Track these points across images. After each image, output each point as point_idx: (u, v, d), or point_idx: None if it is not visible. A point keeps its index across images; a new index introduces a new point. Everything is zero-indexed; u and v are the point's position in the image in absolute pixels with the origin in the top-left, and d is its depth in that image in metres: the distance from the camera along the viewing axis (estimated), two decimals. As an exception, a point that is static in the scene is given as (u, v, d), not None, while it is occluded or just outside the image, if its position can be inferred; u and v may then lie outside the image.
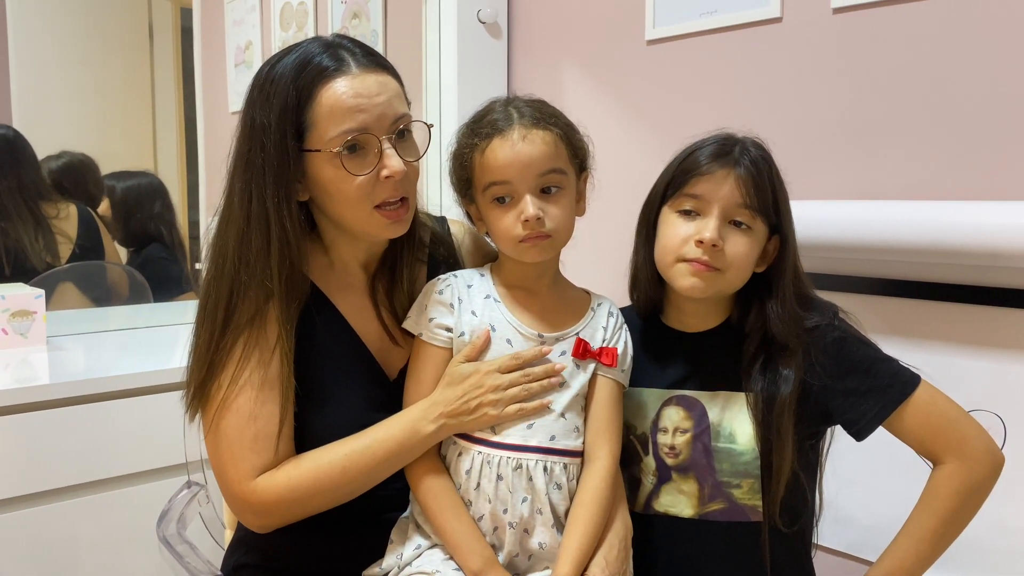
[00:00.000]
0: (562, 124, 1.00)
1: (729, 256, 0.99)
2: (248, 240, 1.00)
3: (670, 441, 1.04)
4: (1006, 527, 1.17)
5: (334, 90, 0.98)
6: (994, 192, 1.18)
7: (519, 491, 0.96)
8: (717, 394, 1.03)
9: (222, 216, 1.03)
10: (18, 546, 1.53)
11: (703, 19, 1.49)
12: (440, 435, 0.99)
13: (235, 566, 1.11)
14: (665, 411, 1.06)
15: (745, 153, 1.00)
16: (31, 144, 2.19)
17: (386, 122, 1.00)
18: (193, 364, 1.03)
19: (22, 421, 1.52)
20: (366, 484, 1.00)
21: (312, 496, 0.99)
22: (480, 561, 0.95)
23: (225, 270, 1.01)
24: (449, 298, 1.02)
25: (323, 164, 0.99)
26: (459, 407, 0.97)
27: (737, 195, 0.98)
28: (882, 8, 1.27)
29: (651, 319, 1.11)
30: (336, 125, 0.98)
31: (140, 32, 2.60)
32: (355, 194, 1.00)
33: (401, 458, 0.99)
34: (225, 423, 0.99)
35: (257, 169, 0.99)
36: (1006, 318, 1.17)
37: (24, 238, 2.16)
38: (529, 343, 1.00)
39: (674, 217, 1.02)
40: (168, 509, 1.31)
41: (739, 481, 1.01)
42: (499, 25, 1.82)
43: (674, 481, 1.04)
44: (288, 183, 0.99)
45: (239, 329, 0.99)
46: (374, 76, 1.00)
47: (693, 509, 1.03)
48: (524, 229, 0.97)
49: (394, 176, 0.99)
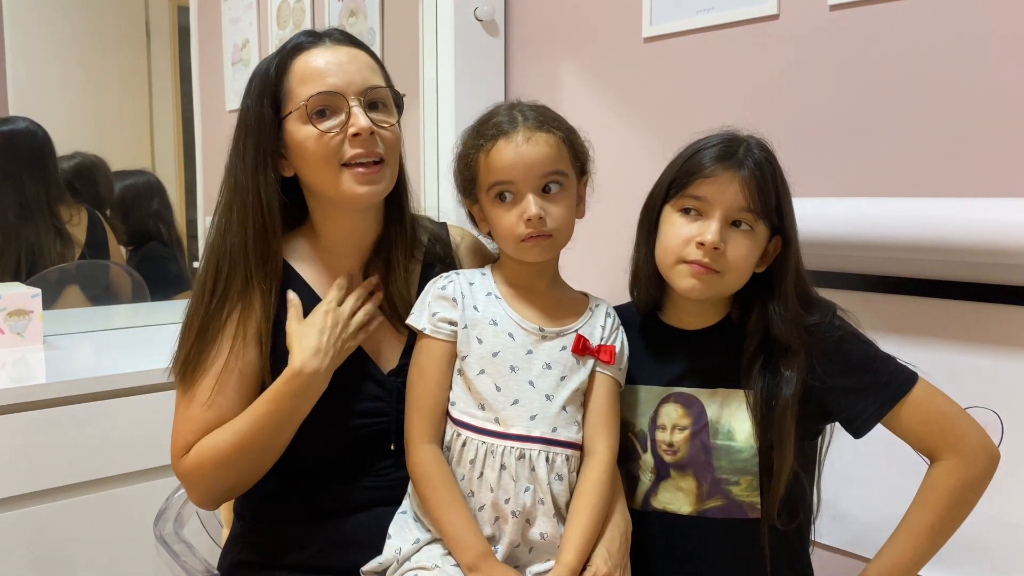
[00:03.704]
0: (565, 128, 1.03)
1: (730, 258, 0.99)
2: (230, 210, 1.06)
3: (668, 438, 1.04)
4: (1003, 523, 1.17)
5: (307, 59, 1.05)
6: (992, 189, 1.18)
7: (522, 480, 0.98)
8: (716, 391, 1.04)
9: (218, 201, 1.09)
10: (15, 545, 1.53)
11: (700, 16, 1.49)
12: (324, 371, 1.02)
13: (232, 564, 1.11)
14: (663, 408, 1.06)
15: (749, 155, 1.00)
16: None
17: (355, 87, 1.04)
18: (186, 331, 1.07)
19: (19, 420, 1.52)
20: (271, 448, 1.04)
21: (227, 468, 1.03)
22: (474, 555, 0.95)
23: (214, 243, 1.07)
24: (452, 293, 1.04)
25: (296, 125, 1.04)
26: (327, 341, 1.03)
27: (740, 198, 0.98)
28: (879, 5, 1.27)
29: (650, 316, 1.11)
30: (307, 88, 1.04)
31: (137, 31, 2.60)
32: (322, 150, 1.03)
33: (297, 410, 1.03)
34: (186, 400, 1.05)
35: (243, 149, 1.06)
36: (1004, 315, 1.17)
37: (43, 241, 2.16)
38: (531, 337, 1.02)
39: (676, 216, 1.02)
40: (165, 508, 1.31)
41: (737, 478, 1.01)
42: (496, 23, 1.82)
43: (672, 478, 1.04)
44: (266, 151, 1.05)
45: (224, 300, 1.05)
46: (347, 49, 1.07)
47: (691, 506, 1.03)
48: (526, 228, 0.99)
49: (361, 133, 1.02)
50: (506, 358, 1.01)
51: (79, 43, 2.49)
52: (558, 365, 1.01)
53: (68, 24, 2.46)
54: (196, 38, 2.73)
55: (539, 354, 1.01)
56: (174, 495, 1.32)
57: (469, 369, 1.01)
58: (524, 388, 1.00)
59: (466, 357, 1.02)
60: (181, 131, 2.68)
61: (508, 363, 1.00)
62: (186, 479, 1.07)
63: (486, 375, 1.00)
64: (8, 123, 2.19)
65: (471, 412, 1.01)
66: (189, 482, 1.07)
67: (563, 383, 1.01)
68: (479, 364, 1.01)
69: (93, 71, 2.49)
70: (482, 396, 1.00)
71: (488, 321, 1.02)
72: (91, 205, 2.30)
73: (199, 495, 1.08)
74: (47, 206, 2.16)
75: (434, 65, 1.79)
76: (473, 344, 1.02)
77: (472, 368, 1.01)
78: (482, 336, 1.02)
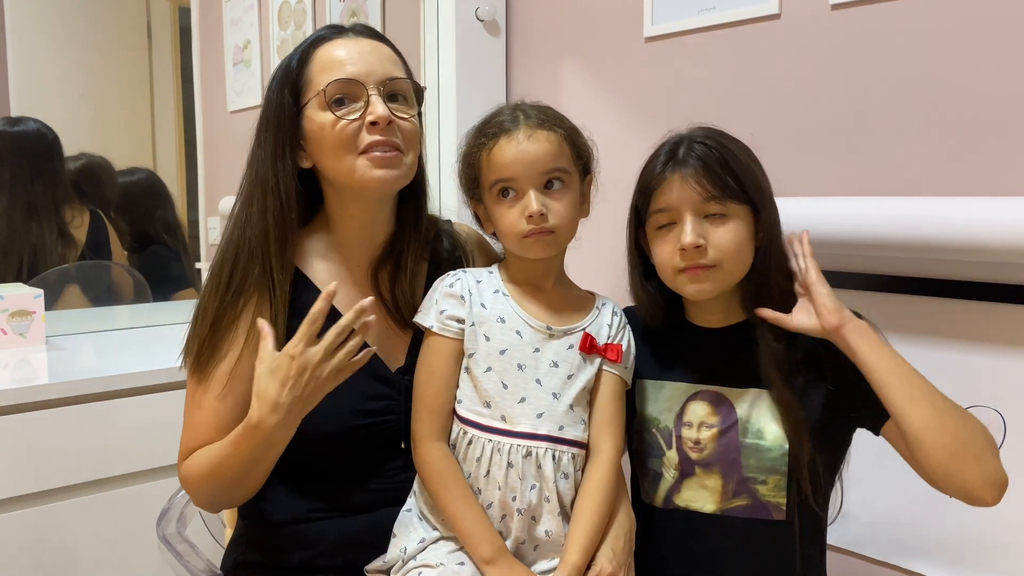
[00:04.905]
0: (567, 126, 1.04)
1: (717, 249, 0.99)
2: (250, 202, 1.06)
3: (695, 436, 1.04)
4: (1003, 523, 1.17)
5: (328, 49, 1.06)
6: (994, 188, 1.18)
7: (528, 478, 0.98)
8: (746, 391, 1.04)
9: (238, 193, 1.09)
10: (18, 546, 1.53)
11: (702, 16, 1.49)
12: (286, 424, 0.96)
13: (235, 564, 1.11)
14: (690, 405, 1.06)
15: (691, 150, 1.01)
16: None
17: (375, 77, 1.04)
18: (199, 322, 1.06)
19: (21, 421, 1.52)
20: (248, 479, 1.02)
21: (212, 485, 1.03)
22: (491, 549, 0.96)
23: (233, 233, 1.07)
24: (460, 291, 1.04)
25: (314, 112, 1.04)
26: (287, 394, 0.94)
27: (697, 191, 0.99)
28: (880, 4, 1.27)
29: (676, 316, 1.11)
30: (326, 76, 1.04)
31: (138, 32, 2.60)
32: (340, 138, 1.03)
33: (263, 455, 0.99)
34: (200, 391, 1.05)
35: (263, 139, 1.06)
36: (1005, 314, 1.17)
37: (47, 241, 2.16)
38: (538, 335, 1.02)
39: (655, 235, 1.04)
40: (168, 508, 1.31)
41: (765, 477, 1.01)
42: (497, 23, 1.82)
43: (697, 476, 1.04)
44: (285, 141, 1.05)
45: (240, 291, 1.04)
46: (369, 41, 1.08)
47: (715, 504, 1.03)
48: (528, 224, 0.99)
49: (379, 122, 1.02)
50: (513, 356, 1.01)
51: (81, 44, 2.49)
52: (565, 363, 1.02)
53: (70, 25, 2.46)
54: (197, 39, 2.73)
55: (546, 352, 1.02)
56: (177, 495, 1.32)
57: (476, 367, 1.01)
58: (531, 386, 1.00)
59: (473, 355, 1.02)
60: (182, 131, 2.68)
61: (515, 361, 1.01)
62: (184, 485, 1.08)
63: (493, 372, 1.00)
64: (19, 124, 2.20)
65: (477, 410, 1.01)
66: (186, 489, 1.08)
67: (570, 381, 1.01)
68: (486, 361, 1.01)
69: (94, 72, 2.49)
70: (489, 394, 1.00)
71: (496, 319, 1.03)
72: (97, 206, 2.30)
73: (197, 502, 1.10)
74: (53, 207, 2.17)
75: (435, 65, 1.79)
76: (480, 341, 1.02)
77: (479, 366, 1.01)
78: (489, 334, 1.02)
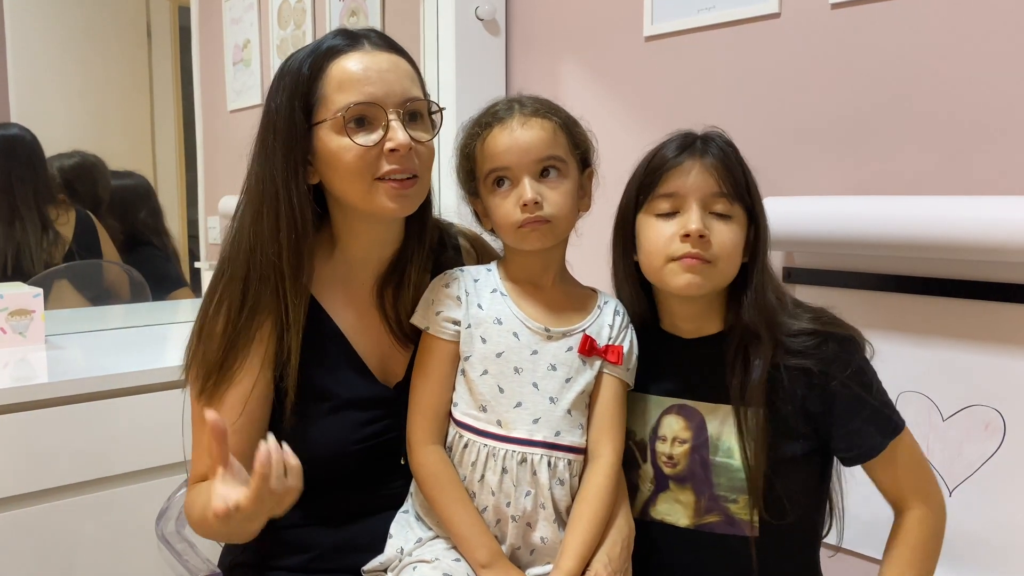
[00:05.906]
0: (563, 115, 1.01)
1: (717, 246, 0.96)
2: (261, 219, 1.00)
3: (668, 450, 1.03)
4: (1003, 523, 1.17)
5: (344, 64, 0.99)
6: (993, 187, 1.18)
7: (523, 485, 0.96)
8: (719, 407, 1.01)
9: (240, 201, 1.04)
10: (17, 545, 1.53)
11: (701, 15, 1.49)
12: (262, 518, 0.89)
13: (233, 564, 1.11)
14: (665, 419, 1.04)
15: (709, 142, 0.99)
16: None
17: (395, 98, 0.99)
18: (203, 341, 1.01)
19: (21, 420, 1.52)
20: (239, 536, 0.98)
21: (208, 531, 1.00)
22: (487, 553, 0.95)
23: (241, 250, 1.01)
24: (456, 291, 1.02)
25: (329, 134, 0.99)
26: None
27: (712, 182, 0.97)
28: (880, 4, 1.27)
29: (651, 325, 1.08)
30: (344, 96, 0.98)
31: (138, 31, 2.60)
32: (357, 164, 0.98)
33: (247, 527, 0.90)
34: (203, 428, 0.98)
35: (270, 150, 1.00)
36: (1005, 313, 1.17)
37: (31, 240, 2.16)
38: (536, 337, 1.00)
39: (653, 220, 0.99)
40: (167, 507, 1.31)
41: (736, 496, 0.99)
42: (497, 22, 1.82)
43: (671, 490, 1.03)
44: (297, 160, 0.99)
45: (253, 313, 1.00)
46: (386, 55, 1.01)
47: (689, 519, 1.02)
48: (523, 213, 0.97)
49: (399, 150, 0.98)
50: (510, 359, 0.99)
51: (80, 43, 2.49)
52: (563, 367, 0.99)
53: (69, 24, 2.46)
54: (197, 38, 2.74)
55: (544, 355, 0.99)
56: (176, 494, 1.32)
57: (472, 369, 0.99)
58: (527, 390, 0.98)
59: (469, 357, 1.00)
60: (182, 131, 2.68)
61: (512, 364, 0.98)
62: (186, 515, 1.04)
63: (489, 376, 0.98)
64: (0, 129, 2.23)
65: (473, 414, 0.99)
66: (189, 521, 1.04)
67: (568, 385, 0.99)
68: (482, 364, 0.99)
69: (94, 71, 2.49)
70: (484, 397, 0.98)
71: (492, 320, 1.00)
72: (88, 204, 2.31)
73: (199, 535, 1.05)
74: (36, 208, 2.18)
75: (435, 65, 1.79)
76: (476, 344, 1.00)
77: (475, 368, 0.99)
78: (486, 336, 1.00)
